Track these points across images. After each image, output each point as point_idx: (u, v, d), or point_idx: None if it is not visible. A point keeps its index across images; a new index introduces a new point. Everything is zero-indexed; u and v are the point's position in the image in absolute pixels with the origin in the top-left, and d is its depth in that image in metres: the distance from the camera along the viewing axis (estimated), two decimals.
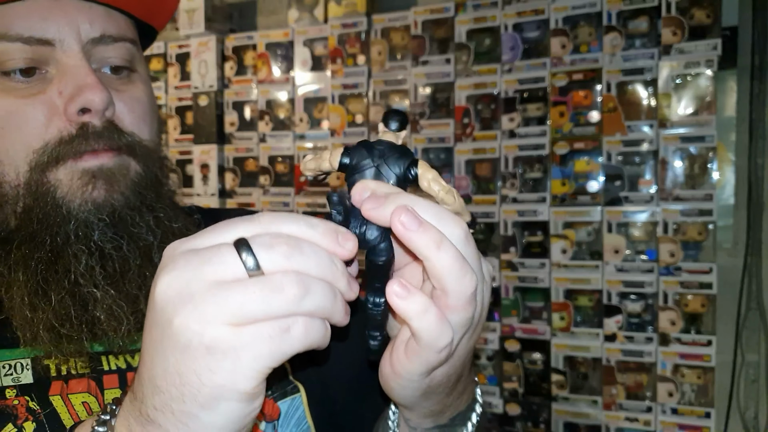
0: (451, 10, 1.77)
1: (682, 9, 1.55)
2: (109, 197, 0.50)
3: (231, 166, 2.08)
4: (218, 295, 0.32)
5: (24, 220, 0.49)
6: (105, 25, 0.52)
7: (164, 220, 0.53)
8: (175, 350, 0.32)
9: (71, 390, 0.49)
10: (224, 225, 0.35)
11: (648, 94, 1.59)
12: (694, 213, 1.55)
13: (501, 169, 1.72)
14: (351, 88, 1.89)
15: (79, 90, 0.49)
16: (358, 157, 0.39)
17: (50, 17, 0.49)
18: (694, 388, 1.57)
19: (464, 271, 0.35)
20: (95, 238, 0.49)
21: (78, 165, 0.49)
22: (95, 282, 0.49)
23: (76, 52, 0.50)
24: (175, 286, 0.33)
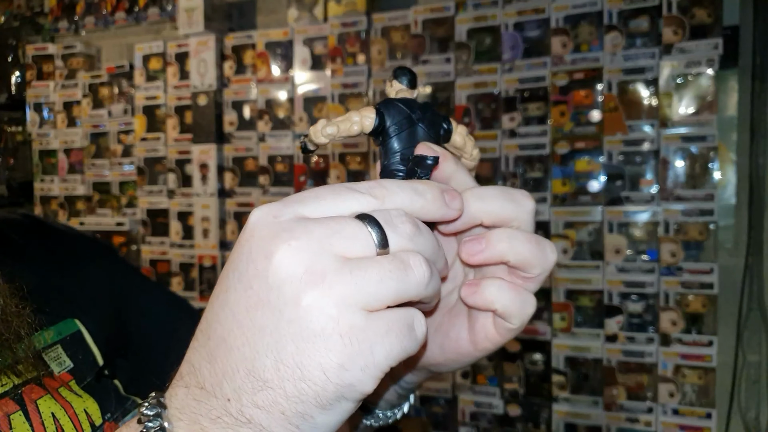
0: (452, 9, 1.76)
1: (683, 8, 1.54)
2: None
3: (230, 166, 2.07)
4: (355, 274, 0.28)
5: None
6: None
7: None
8: (298, 338, 0.28)
9: None
10: (333, 193, 0.31)
11: (649, 94, 1.59)
12: (695, 213, 1.54)
13: (501, 168, 1.72)
14: (351, 87, 1.88)
15: None
16: (394, 118, 0.36)
17: None
18: (695, 389, 1.57)
19: (542, 248, 0.35)
20: None
21: None
22: None
23: None
24: (301, 260, 0.28)
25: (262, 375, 0.28)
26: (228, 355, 0.29)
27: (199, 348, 0.31)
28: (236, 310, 0.29)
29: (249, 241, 0.29)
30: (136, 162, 2.23)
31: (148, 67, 2.21)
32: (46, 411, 0.44)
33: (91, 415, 0.47)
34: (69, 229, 0.62)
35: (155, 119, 2.20)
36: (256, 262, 0.29)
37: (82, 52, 2.38)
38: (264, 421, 0.29)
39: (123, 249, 2.30)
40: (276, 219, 0.29)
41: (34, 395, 0.45)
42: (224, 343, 0.29)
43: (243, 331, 0.29)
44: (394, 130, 0.36)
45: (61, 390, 0.46)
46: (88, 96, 2.32)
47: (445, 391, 1.81)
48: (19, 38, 2.58)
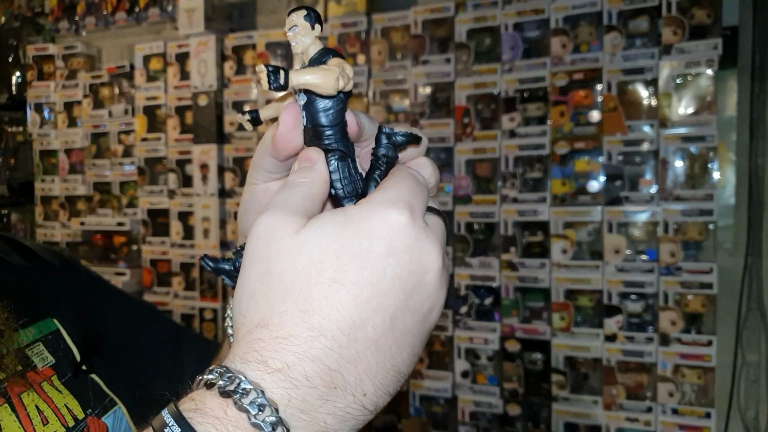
0: (451, 10, 1.76)
1: (683, 8, 1.55)
2: None
3: (231, 166, 2.08)
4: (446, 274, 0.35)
5: None
6: None
7: None
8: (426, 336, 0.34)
9: None
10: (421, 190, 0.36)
11: (648, 94, 1.59)
12: (695, 213, 1.55)
13: (501, 168, 1.72)
14: None
15: None
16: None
17: None
18: (695, 389, 1.57)
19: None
20: None
21: None
22: None
23: None
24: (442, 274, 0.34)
25: (402, 369, 0.33)
26: (376, 355, 0.32)
27: (338, 350, 0.31)
28: (395, 315, 0.32)
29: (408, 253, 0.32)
30: (136, 162, 2.23)
31: (149, 67, 2.21)
32: (30, 404, 0.47)
33: (72, 410, 0.50)
34: (38, 246, 0.66)
35: (156, 119, 2.21)
36: (417, 274, 0.32)
37: (82, 53, 2.38)
38: (381, 403, 0.33)
39: (124, 249, 2.30)
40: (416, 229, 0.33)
41: (18, 389, 0.47)
42: (374, 344, 0.32)
43: (394, 335, 0.32)
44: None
45: (43, 385, 0.49)
46: (89, 96, 2.32)
47: (444, 391, 1.81)
48: (19, 38, 2.58)
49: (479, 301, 1.76)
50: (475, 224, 1.76)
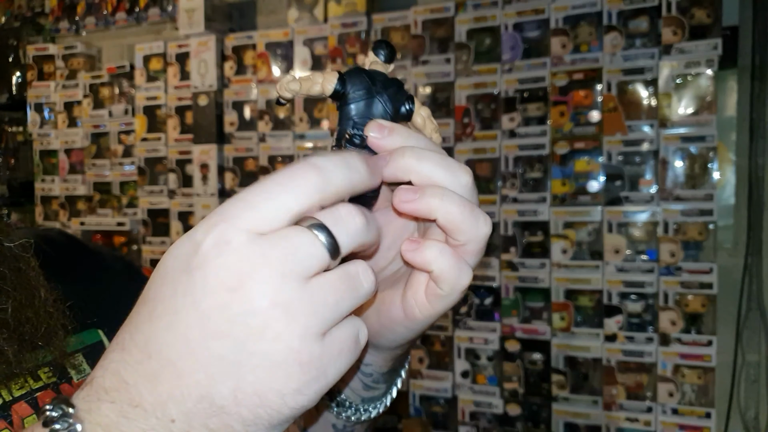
0: (451, 10, 1.77)
1: (683, 8, 1.55)
2: None
3: (231, 166, 2.08)
4: (315, 302, 0.29)
5: None
6: None
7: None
8: (259, 368, 0.28)
9: None
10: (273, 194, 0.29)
11: (648, 94, 1.59)
12: (695, 213, 1.55)
13: (501, 168, 1.72)
14: None
15: None
16: (355, 86, 0.36)
17: None
18: (695, 389, 1.57)
19: (476, 217, 0.35)
20: None
21: None
22: None
23: None
24: (265, 292, 0.28)
25: (218, 402, 0.28)
26: (178, 379, 0.29)
27: (134, 365, 0.30)
28: (190, 337, 0.28)
29: (202, 268, 0.28)
30: (136, 162, 2.23)
31: (149, 67, 2.21)
32: None
33: None
34: (98, 248, 0.65)
35: (156, 119, 2.21)
36: (216, 294, 0.28)
37: (82, 53, 2.38)
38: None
39: (124, 249, 2.30)
40: (229, 245, 0.28)
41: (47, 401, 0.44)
42: (173, 366, 0.29)
43: (197, 359, 0.28)
44: (353, 97, 0.36)
45: None
46: (89, 96, 2.33)
47: (444, 391, 1.81)
48: (19, 38, 2.58)
49: (479, 301, 1.76)
50: None
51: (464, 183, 0.36)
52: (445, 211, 0.35)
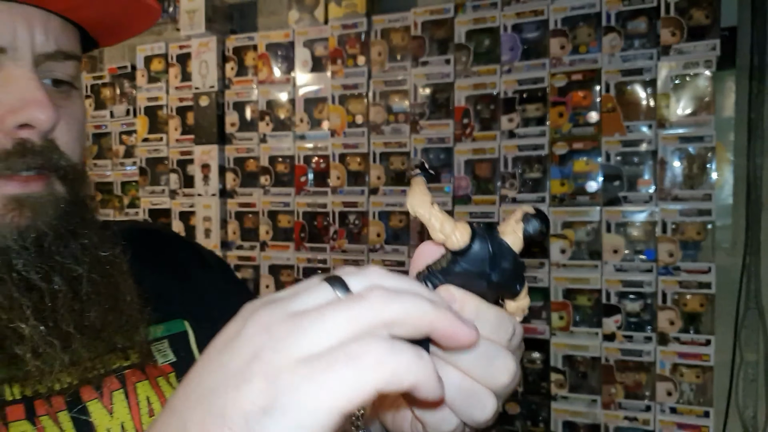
0: (451, 11, 1.77)
1: (681, 9, 1.55)
2: (32, 225, 0.45)
3: (231, 167, 2.09)
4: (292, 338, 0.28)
5: None
6: (60, 39, 0.48)
7: (91, 247, 0.48)
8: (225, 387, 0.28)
9: None
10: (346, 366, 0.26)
11: (647, 95, 1.60)
12: (693, 213, 1.55)
13: (500, 169, 1.73)
14: (351, 88, 1.90)
15: (24, 104, 0.44)
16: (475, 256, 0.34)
17: (10, 23, 0.44)
18: (693, 388, 1.58)
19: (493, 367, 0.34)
20: (19, 267, 0.44)
21: (4, 188, 0.44)
22: (21, 316, 0.43)
23: (27, 63, 0.45)
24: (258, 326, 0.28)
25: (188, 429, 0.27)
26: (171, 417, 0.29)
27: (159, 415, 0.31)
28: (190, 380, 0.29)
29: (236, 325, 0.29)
30: (138, 162, 2.24)
31: (150, 68, 2.22)
32: (142, 394, 0.50)
33: None
34: (195, 244, 0.70)
35: (157, 120, 2.22)
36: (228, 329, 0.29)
37: None
38: None
39: None
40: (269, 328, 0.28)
41: (135, 379, 0.51)
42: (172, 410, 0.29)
43: (188, 394, 0.28)
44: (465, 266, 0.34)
45: (159, 379, 0.52)
46: (90, 97, 2.34)
47: None
48: None
49: None
50: (474, 224, 1.76)
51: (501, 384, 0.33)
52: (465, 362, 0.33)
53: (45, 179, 0.46)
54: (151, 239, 0.64)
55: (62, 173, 0.47)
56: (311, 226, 1.98)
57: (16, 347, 0.43)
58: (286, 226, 2.01)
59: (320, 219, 1.97)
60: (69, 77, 0.49)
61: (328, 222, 1.94)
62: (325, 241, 1.94)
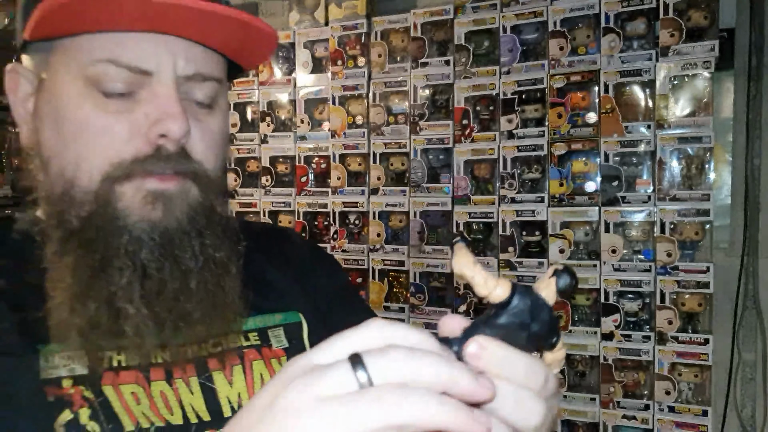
0: (450, 12, 1.78)
1: (680, 11, 1.56)
2: (163, 219, 0.53)
3: (233, 167, 2.10)
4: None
5: (85, 224, 0.53)
6: (199, 64, 0.56)
7: (209, 247, 0.56)
8: None
9: (121, 381, 0.53)
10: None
11: (645, 96, 1.61)
12: (691, 213, 1.56)
13: (500, 169, 1.74)
14: (351, 89, 1.91)
15: (163, 117, 0.53)
16: (515, 311, 0.37)
17: (156, 51, 0.54)
18: (692, 387, 1.58)
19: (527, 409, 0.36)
20: (142, 255, 0.52)
21: (144, 184, 0.53)
22: (131, 298, 0.51)
23: (170, 85, 0.54)
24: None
25: None
26: None
27: None
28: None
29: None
30: None
31: None
32: (257, 371, 0.59)
33: None
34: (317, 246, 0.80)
35: None
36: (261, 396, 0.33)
37: None
38: None
39: None
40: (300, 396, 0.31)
41: (252, 357, 0.59)
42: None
43: None
44: (507, 318, 0.37)
45: (272, 360, 0.60)
46: None
47: None
48: None
49: (478, 300, 1.78)
50: (474, 224, 1.78)
51: (531, 425, 0.36)
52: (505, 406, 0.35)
53: (179, 180, 0.54)
54: (281, 240, 0.74)
55: (194, 177, 0.55)
56: (312, 226, 1.99)
57: (122, 323, 0.51)
58: (287, 227, 2.02)
59: (321, 219, 1.98)
60: (208, 98, 0.58)
61: (328, 222, 1.95)
62: (326, 241, 1.95)
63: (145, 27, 0.53)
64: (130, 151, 0.53)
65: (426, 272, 1.83)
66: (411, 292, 1.84)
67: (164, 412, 0.53)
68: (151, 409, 0.53)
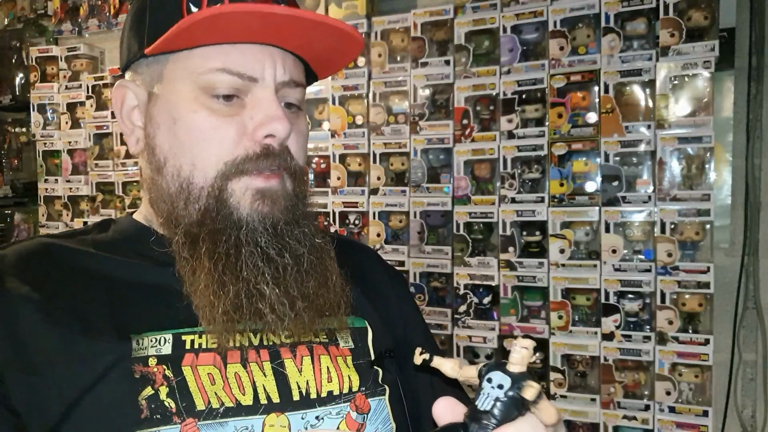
0: (450, 12, 1.78)
1: (680, 11, 1.56)
2: (270, 212, 0.60)
3: None
4: None
5: (205, 217, 0.60)
6: (293, 71, 0.63)
7: (309, 234, 0.63)
8: None
9: (200, 362, 0.58)
10: None
11: (646, 96, 1.61)
12: (692, 213, 1.56)
13: (500, 169, 1.73)
14: (351, 89, 1.90)
15: (269, 119, 0.60)
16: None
17: (260, 60, 0.60)
18: (692, 387, 1.58)
19: None
20: (262, 244, 0.59)
21: (253, 182, 0.60)
22: (265, 280, 0.58)
23: (271, 89, 0.61)
24: None
25: None
26: None
27: None
28: None
29: None
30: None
31: None
32: (324, 364, 0.63)
33: (351, 382, 0.64)
34: (378, 256, 0.85)
35: None
36: None
37: (85, 54, 2.40)
38: None
39: None
40: None
41: (320, 352, 0.64)
42: None
43: None
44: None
45: (338, 357, 0.65)
46: (92, 97, 2.34)
47: None
48: (22, 40, 2.60)
49: (478, 300, 1.78)
50: (474, 224, 1.78)
51: None
52: None
53: (279, 177, 0.61)
54: (357, 252, 0.80)
55: (291, 172, 0.63)
56: None
57: (259, 303, 0.58)
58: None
59: (321, 219, 1.97)
60: (298, 101, 0.65)
61: (328, 222, 1.95)
62: None
63: (256, 39, 0.60)
64: (241, 151, 0.60)
65: (426, 272, 1.83)
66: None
67: (236, 392, 0.58)
68: (224, 389, 0.57)
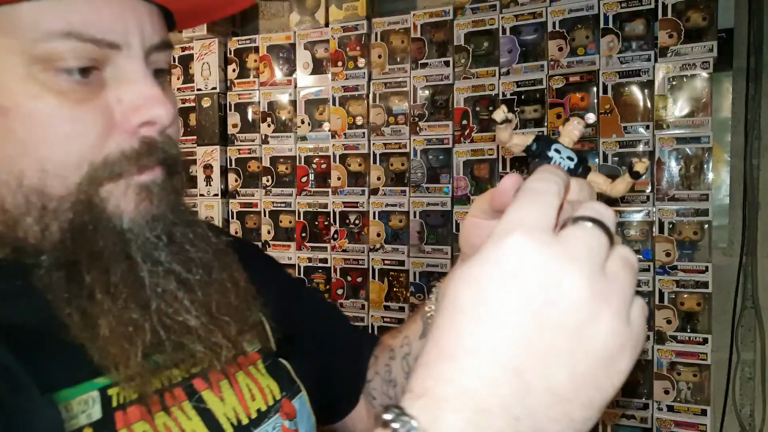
0: (450, 14, 1.79)
1: (679, 11, 1.57)
2: (160, 212, 0.47)
3: (233, 167, 2.11)
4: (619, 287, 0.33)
5: (75, 237, 0.44)
6: (162, 30, 0.48)
7: (205, 236, 0.51)
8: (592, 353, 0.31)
9: (130, 419, 0.46)
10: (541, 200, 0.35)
11: (644, 96, 1.61)
12: (690, 213, 1.57)
13: (499, 170, 1.74)
14: (352, 90, 1.91)
15: (145, 101, 0.45)
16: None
17: (121, 18, 0.44)
18: (690, 386, 1.59)
19: None
20: (162, 259, 0.46)
21: (134, 180, 0.46)
22: (183, 307, 0.46)
23: (140, 59, 0.45)
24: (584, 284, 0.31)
25: (559, 391, 0.31)
26: (518, 377, 0.30)
27: (472, 371, 0.31)
28: (528, 335, 0.31)
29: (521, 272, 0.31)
30: None
31: None
32: (242, 382, 0.55)
33: (272, 391, 0.58)
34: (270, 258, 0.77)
35: None
36: (542, 293, 0.31)
37: None
38: (554, 430, 0.31)
39: None
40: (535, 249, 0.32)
41: (233, 369, 0.55)
42: (512, 365, 0.31)
43: (536, 354, 0.31)
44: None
45: (250, 368, 0.58)
46: None
47: None
48: None
49: None
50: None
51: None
52: None
53: (162, 167, 0.48)
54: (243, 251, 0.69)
55: (173, 162, 0.49)
56: (312, 226, 2.00)
57: (184, 338, 0.46)
58: (288, 226, 2.03)
59: (321, 219, 1.98)
60: (167, 64, 0.49)
61: (328, 222, 1.96)
62: (326, 241, 1.96)
63: None
64: (113, 148, 0.44)
65: (426, 272, 1.84)
66: (411, 292, 1.85)
67: None
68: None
